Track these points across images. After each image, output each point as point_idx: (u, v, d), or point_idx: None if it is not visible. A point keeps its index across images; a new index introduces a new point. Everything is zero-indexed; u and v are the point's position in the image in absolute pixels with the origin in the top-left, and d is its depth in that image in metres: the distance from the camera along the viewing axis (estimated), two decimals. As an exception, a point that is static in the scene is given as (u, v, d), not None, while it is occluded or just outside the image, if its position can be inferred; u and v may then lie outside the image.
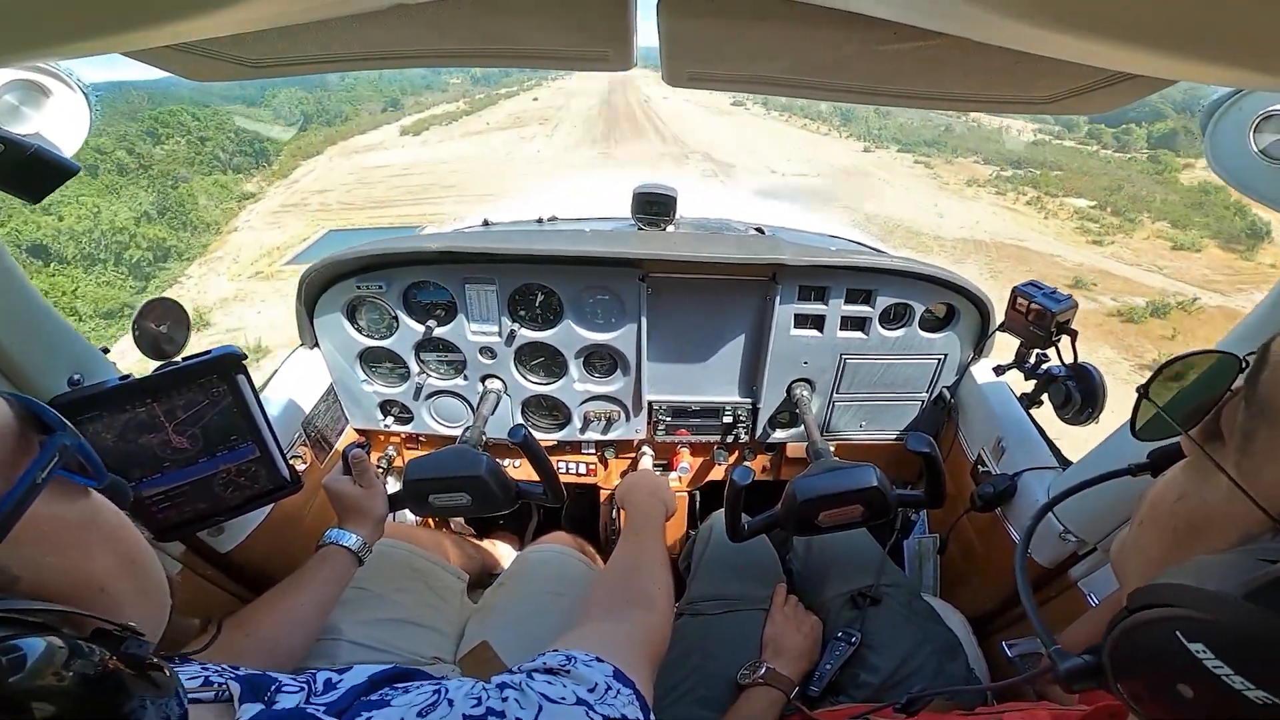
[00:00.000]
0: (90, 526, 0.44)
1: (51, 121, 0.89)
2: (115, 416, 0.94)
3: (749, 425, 1.84)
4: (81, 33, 0.38)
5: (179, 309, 1.07)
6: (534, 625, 1.29)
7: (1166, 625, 0.39)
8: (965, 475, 1.63)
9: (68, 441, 0.42)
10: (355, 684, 0.64)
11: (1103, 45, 0.37)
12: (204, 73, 0.77)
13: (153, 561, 0.49)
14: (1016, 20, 0.37)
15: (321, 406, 1.66)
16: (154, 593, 0.49)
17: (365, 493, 1.20)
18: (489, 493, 1.26)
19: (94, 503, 0.45)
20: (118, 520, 0.47)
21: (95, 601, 0.42)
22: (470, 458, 1.28)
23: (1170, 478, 0.51)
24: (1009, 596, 1.47)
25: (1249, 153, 0.82)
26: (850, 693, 1.21)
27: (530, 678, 0.63)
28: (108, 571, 0.43)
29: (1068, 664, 0.50)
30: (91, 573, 0.42)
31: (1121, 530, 0.57)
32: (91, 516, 0.44)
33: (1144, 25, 0.34)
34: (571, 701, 0.61)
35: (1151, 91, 0.69)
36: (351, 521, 1.19)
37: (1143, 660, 0.42)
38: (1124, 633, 0.43)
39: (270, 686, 0.61)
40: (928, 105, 0.81)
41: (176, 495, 1.04)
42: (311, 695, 0.62)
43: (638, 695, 0.67)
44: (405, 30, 0.71)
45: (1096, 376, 1.24)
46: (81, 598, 0.41)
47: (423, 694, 0.59)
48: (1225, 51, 0.34)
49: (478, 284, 1.61)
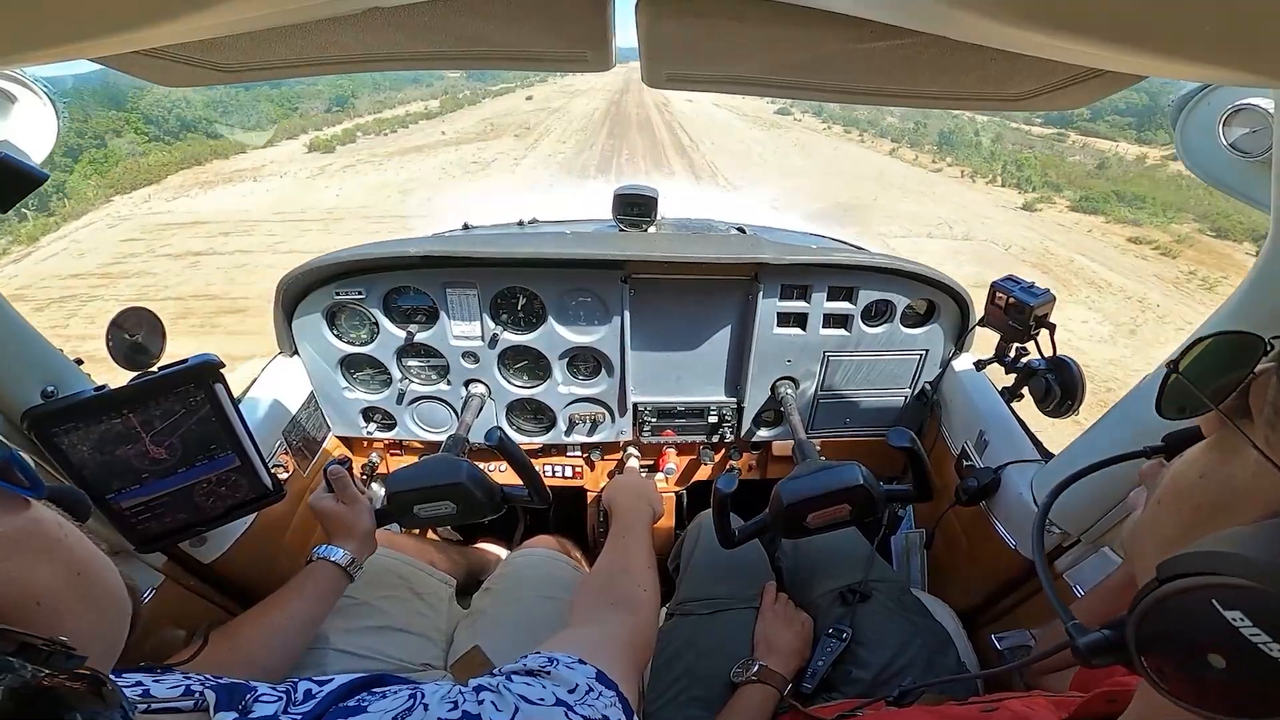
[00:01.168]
0: (28, 538, 0.43)
1: (18, 129, 0.87)
2: (91, 428, 0.93)
3: (734, 424, 1.84)
4: (47, 39, 0.37)
5: (153, 318, 1.05)
6: (524, 629, 1.28)
7: (1202, 594, 0.39)
8: (949, 469, 1.65)
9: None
10: (331, 690, 0.64)
11: (1073, 43, 0.37)
12: (175, 78, 0.75)
13: (104, 571, 0.48)
14: (988, 19, 0.37)
15: (303, 414, 1.65)
16: (105, 602, 0.47)
17: (348, 509, 1.20)
18: (473, 499, 1.25)
19: (33, 514, 0.44)
20: (60, 532, 0.45)
21: (30, 615, 0.41)
22: (450, 465, 1.27)
23: (1191, 457, 0.51)
24: (996, 590, 1.48)
25: (1219, 147, 0.84)
26: (842, 689, 1.21)
27: (509, 679, 0.63)
28: (46, 584, 0.42)
29: (1087, 638, 0.49)
30: (26, 585, 0.41)
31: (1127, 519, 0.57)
32: (31, 528, 0.43)
33: (1114, 23, 0.34)
34: (550, 703, 0.61)
35: (1123, 87, 0.70)
36: (339, 538, 1.18)
37: (1173, 631, 0.42)
38: (1154, 603, 0.43)
39: (246, 695, 0.60)
40: (904, 103, 0.82)
41: (156, 506, 1.03)
42: (290, 704, 0.61)
43: (620, 697, 0.67)
44: (380, 33, 0.70)
45: (1075, 369, 1.25)
46: (13, 611, 0.40)
47: (399, 699, 0.59)
48: (1194, 48, 0.35)
49: (459, 288, 1.60)
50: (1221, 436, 0.48)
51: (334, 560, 1.14)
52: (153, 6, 0.35)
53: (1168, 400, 0.55)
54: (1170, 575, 0.42)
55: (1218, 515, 0.45)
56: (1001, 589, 1.46)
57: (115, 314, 1.01)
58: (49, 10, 0.34)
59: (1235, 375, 0.48)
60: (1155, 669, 0.44)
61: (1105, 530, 1.15)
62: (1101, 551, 1.17)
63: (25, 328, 0.93)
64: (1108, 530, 1.14)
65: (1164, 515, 0.52)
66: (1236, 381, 0.48)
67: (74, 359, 1.02)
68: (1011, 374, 1.42)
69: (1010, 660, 1.21)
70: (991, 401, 1.58)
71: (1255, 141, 0.81)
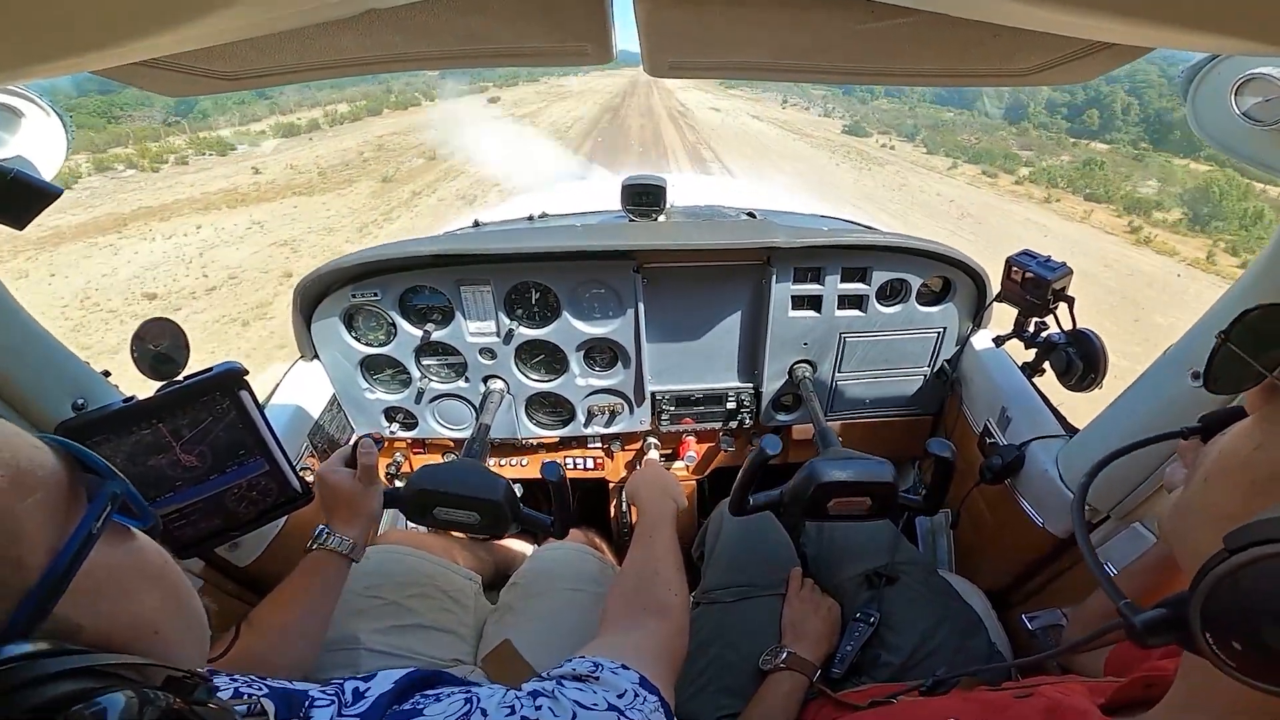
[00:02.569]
0: (138, 568, 0.43)
1: (28, 145, 0.88)
2: (122, 439, 0.95)
3: (753, 410, 1.84)
4: (47, 53, 0.37)
5: (176, 328, 1.07)
6: (554, 622, 1.29)
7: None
8: (973, 447, 1.63)
9: (117, 490, 0.41)
10: (383, 691, 0.64)
11: (1079, 16, 0.37)
12: (177, 88, 0.76)
13: (194, 596, 0.48)
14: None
15: (326, 417, 1.67)
16: (197, 627, 0.48)
17: (363, 491, 1.17)
18: (500, 518, 1.23)
19: (139, 543, 0.45)
20: (161, 559, 0.46)
21: (151, 644, 0.41)
22: (489, 481, 1.24)
23: (1241, 431, 0.51)
24: (1025, 569, 1.46)
25: (1232, 116, 0.82)
26: (872, 673, 1.21)
27: (561, 684, 0.64)
28: (158, 612, 0.43)
29: (1144, 616, 0.48)
30: (144, 615, 0.42)
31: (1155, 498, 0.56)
32: (139, 558, 0.44)
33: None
34: (604, 708, 0.62)
35: (1129, 59, 0.68)
36: (339, 518, 1.15)
37: (1245, 604, 0.40)
38: (1224, 576, 0.41)
39: (304, 703, 0.61)
40: (909, 82, 0.81)
41: (191, 513, 1.05)
42: (343, 708, 0.62)
43: (662, 702, 0.68)
44: (380, 35, 0.70)
45: (1097, 342, 1.23)
46: (139, 641, 0.40)
47: (455, 703, 0.60)
48: (1201, 18, 0.34)
49: (473, 285, 1.61)
50: (1274, 408, 0.48)
51: (340, 551, 1.12)
52: (151, 16, 0.35)
53: (1218, 369, 0.54)
54: (1241, 545, 0.40)
55: (1277, 486, 0.45)
56: (1030, 568, 1.45)
57: (137, 326, 1.03)
58: (48, 24, 0.34)
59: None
60: (1221, 645, 0.42)
61: (1135, 505, 1.12)
62: (1133, 528, 1.15)
63: (51, 341, 0.95)
64: (1138, 505, 1.12)
65: (1215, 491, 0.52)
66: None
67: (100, 371, 1.05)
68: (1031, 349, 1.40)
69: (1044, 639, 1.20)
70: (1012, 377, 1.56)
71: (1269, 110, 0.80)
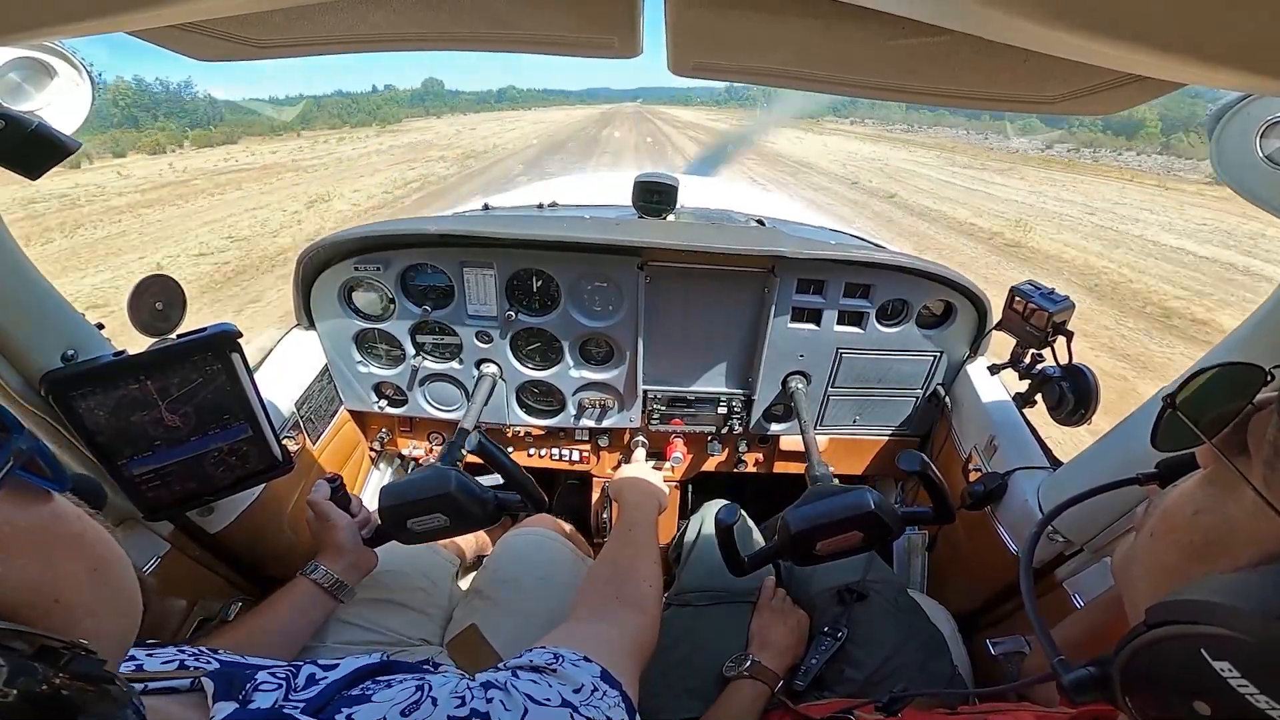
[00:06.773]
0: (48, 533, 0.40)
1: (54, 100, 0.89)
2: (108, 393, 0.94)
3: (743, 417, 1.84)
4: (85, 12, 0.37)
5: (175, 286, 1.06)
6: (522, 610, 1.29)
7: (1191, 642, 0.39)
8: (956, 472, 1.64)
9: (23, 445, 0.39)
10: (336, 678, 0.62)
11: (1111, 47, 0.37)
12: (208, 51, 0.75)
13: (121, 568, 0.45)
14: (1025, 19, 0.36)
15: (315, 387, 1.66)
16: (121, 601, 0.45)
17: (327, 529, 1.19)
18: (463, 510, 1.21)
19: (54, 507, 0.42)
20: (80, 526, 0.43)
21: (49, 613, 0.39)
22: (439, 476, 1.22)
23: (1186, 490, 0.50)
24: (995, 595, 1.48)
25: (1255, 159, 0.82)
26: (835, 688, 1.21)
27: (515, 676, 0.63)
28: (66, 581, 0.40)
29: (1073, 675, 0.50)
30: (46, 583, 0.39)
31: (1123, 539, 0.57)
32: (50, 522, 0.41)
33: (1153, 28, 0.34)
34: (557, 703, 0.60)
35: (1160, 94, 0.68)
36: (324, 554, 1.18)
37: (1159, 676, 0.42)
38: (1142, 647, 0.42)
39: (246, 683, 0.59)
40: (934, 101, 0.80)
41: (167, 474, 1.04)
42: (290, 691, 0.60)
43: (624, 697, 0.67)
44: (411, 12, 0.70)
45: (1091, 378, 1.24)
46: (31, 608, 0.38)
47: (405, 690, 0.58)
48: (1234, 56, 0.34)
49: (476, 268, 1.60)
50: (1218, 470, 0.47)
51: (314, 578, 1.13)
52: None
53: (1163, 434, 0.54)
54: (1159, 621, 0.41)
55: (1211, 553, 0.45)
56: (1000, 594, 1.46)
57: (136, 282, 1.01)
58: None
59: (1233, 406, 0.48)
60: (1140, 710, 0.44)
61: (1108, 541, 1.14)
62: (1103, 562, 1.16)
63: (48, 290, 0.94)
64: (1110, 541, 1.13)
65: (1157, 549, 0.51)
66: (1234, 412, 0.47)
67: (95, 323, 1.03)
68: (1025, 380, 1.41)
69: (1007, 665, 1.20)
70: (1004, 407, 1.56)
71: (1292, 156, 0.79)
